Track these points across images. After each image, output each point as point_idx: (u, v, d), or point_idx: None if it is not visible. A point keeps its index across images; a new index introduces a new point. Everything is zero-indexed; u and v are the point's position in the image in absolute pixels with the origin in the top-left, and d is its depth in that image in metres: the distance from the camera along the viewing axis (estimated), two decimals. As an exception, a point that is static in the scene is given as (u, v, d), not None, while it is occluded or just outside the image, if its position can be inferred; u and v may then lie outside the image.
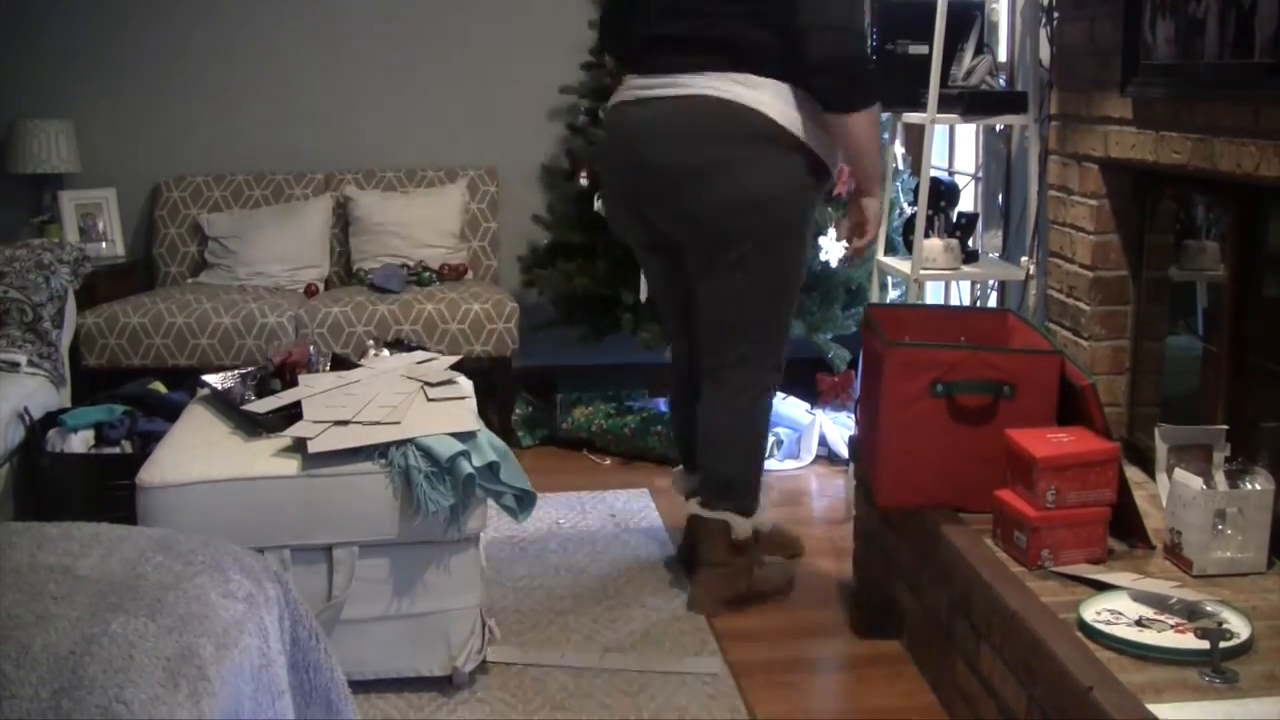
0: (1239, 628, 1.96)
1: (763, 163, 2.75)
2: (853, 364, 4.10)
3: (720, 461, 2.97)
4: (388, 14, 4.84)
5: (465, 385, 2.88)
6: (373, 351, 3.13)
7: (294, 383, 2.87)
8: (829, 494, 3.89)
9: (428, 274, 4.55)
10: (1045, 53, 3.31)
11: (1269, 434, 2.43)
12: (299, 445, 2.55)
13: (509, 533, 3.52)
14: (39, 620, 1.53)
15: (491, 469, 2.54)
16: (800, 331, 4.10)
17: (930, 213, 3.50)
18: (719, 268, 2.84)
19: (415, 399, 2.72)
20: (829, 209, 4.06)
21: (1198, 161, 2.44)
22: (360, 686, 2.52)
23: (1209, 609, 2.02)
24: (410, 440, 2.52)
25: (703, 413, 2.97)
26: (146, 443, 3.01)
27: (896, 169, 4.12)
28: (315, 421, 2.60)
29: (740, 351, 2.90)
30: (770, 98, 2.72)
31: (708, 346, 2.95)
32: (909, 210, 4.06)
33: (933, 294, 4.07)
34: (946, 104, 3.34)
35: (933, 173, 3.54)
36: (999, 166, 3.94)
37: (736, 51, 2.72)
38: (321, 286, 4.66)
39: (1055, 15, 3.16)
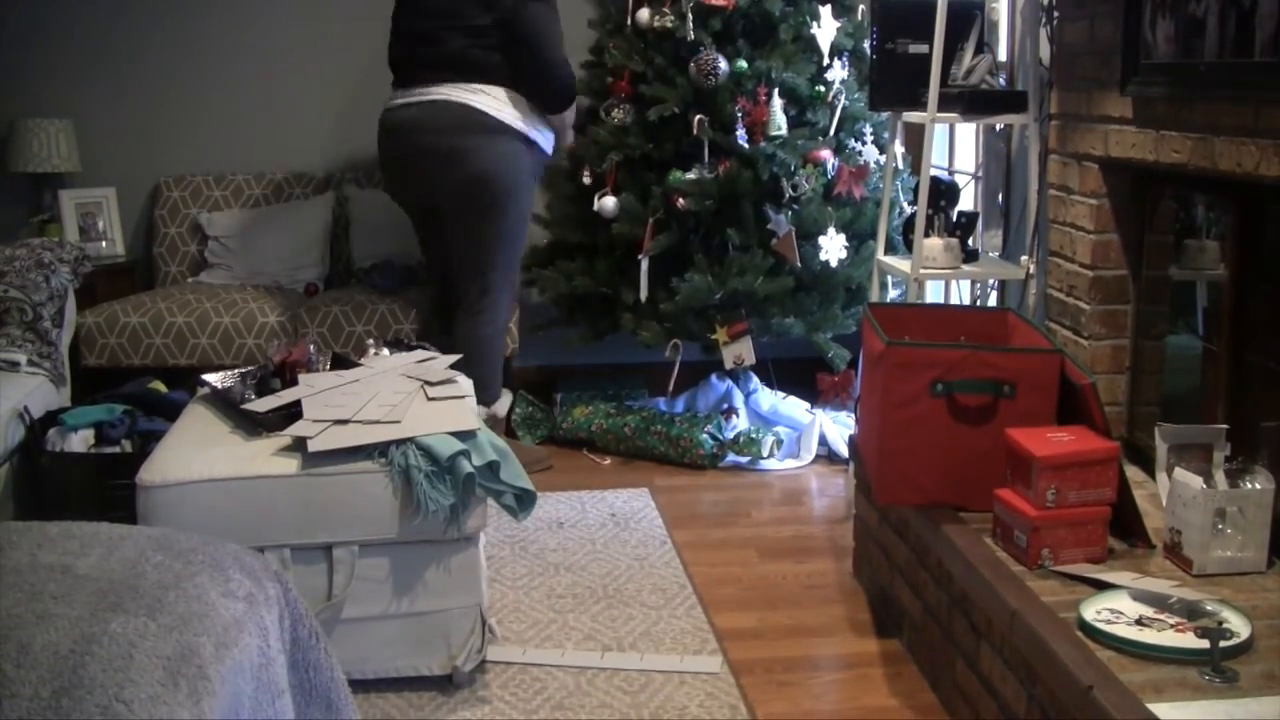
0: (1239, 627, 1.97)
1: (489, 148, 3.78)
2: (853, 363, 4.10)
3: (471, 365, 3.63)
4: (388, 14, 4.83)
5: (465, 384, 2.88)
6: (373, 351, 3.13)
7: (294, 382, 2.87)
8: (829, 493, 3.89)
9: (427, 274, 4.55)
10: (1045, 52, 3.31)
11: (1269, 433, 2.43)
12: (299, 444, 2.55)
13: (509, 532, 3.52)
14: (39, 619, 1.53)
15: (491, 468, 2.54)
16: (800, 331, 4.10)
17: (930, 212, 3.50)
18: (466, 224, 3.87)
19: (415, 398, 2.72)
20: (828, 208, 4.06)
21: (1198, 161, 2.44)
22: (360, 686, 2.53)
23: (1209, 608, 2.02)
24: (410, 439, 2.52)
25: (458, 332, 3.90)
26: (146, 442, 3.01)
27: (896, 168, 4.12)
28: (315, 420, 2.60)
29: (482, 284, 3.91)
30: (493, 100, 3.80)
31: (461, 284, 3.94)
32: (909, 210, 4.06)
33: (933, 293, 4.07)
34: (946, 103, 3.34)
35: (933, 172, 3.54)
36: (999, 166, 3.94)
37: (469, 67, 3.79)
38: (321, 286, 4.66)
39: (1055, 14, 3.16)
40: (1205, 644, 1.86)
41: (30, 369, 3.38)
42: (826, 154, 4.08)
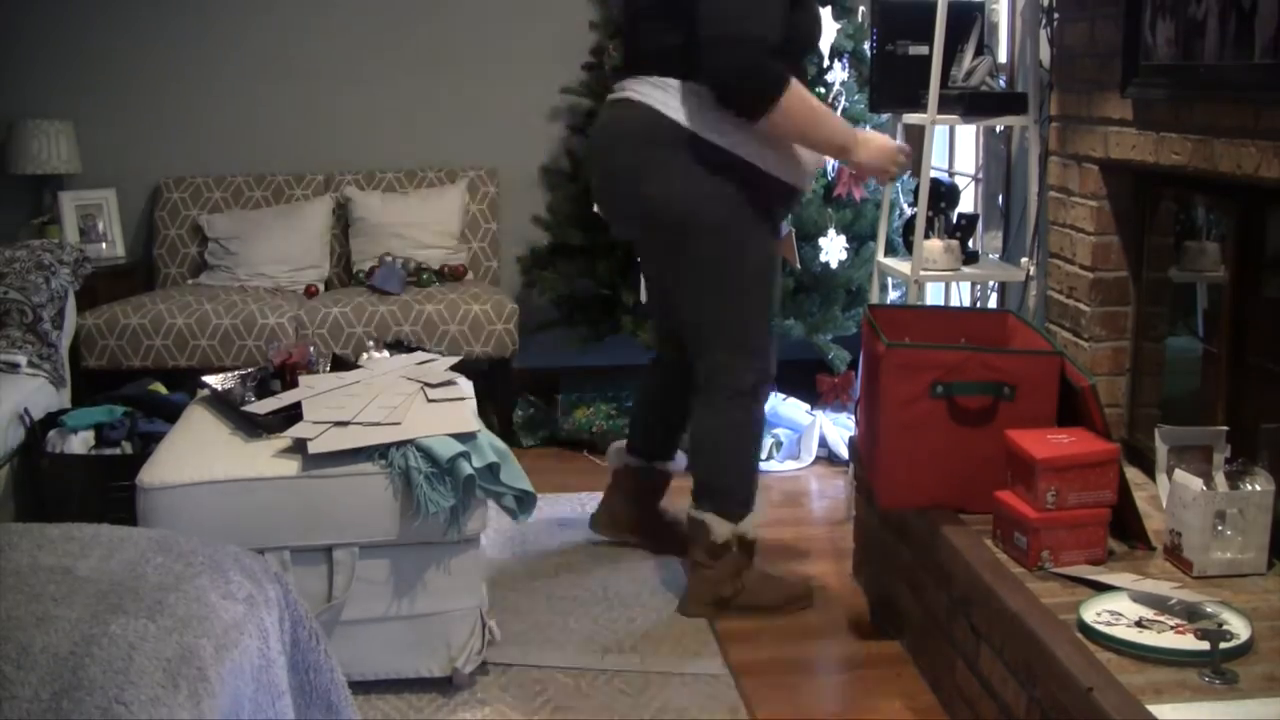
0: (1239, 629, 1.96)
1: (669, 168, 2.75)
2: (853, 365, 4.10)
3: (702, 463, 3.00)
4: (388, 14, 4.84)
5: (465, 386, 2.88)
6: (373, 352, 3.13)
7: (294, 384, 2.87)
8: (829, 495, 3.89)
9: (427, 274, 4.55)
10: (1045, 54, 3.31)
11: (1269, 435, 2.43)
12: (299, 446, 2.55)
13: (509, 533, 3.52)
14: (39, 621, 1.53)
15: (492, 470, 2.54)
16: (800, 332, 4.10)
17: (930, 214, 3.50)
18: (664, 271, 2.97)
19: (415, 400, 2.72)
20: (828, 209, 4.06)
21: (1198, 162, 2.44)
22: (360, 687, 2.52)
23: (1209, 610, 2.02)
24: (410, 441, 2.52)
25: (693, 415, 3.01)
26: (147, 444, 3.01)
27: (897, 170, 4.11)
28: (315, 422, 2.60)
29: (713, 358, 2.91)
30: (679, 102, 2.72)
31: (689, 349, 2.99)
32: (909, 211, 4.06)
33: (933, 295, 4.07)
34: (946, 105, 3.34)
35: (933, 174, 3.54)
36: (999, 167, 3.94)
37: (659, 58, 2.75)
38: (321, 287, 4.66)
39: (1055, 16, 3.16)
40: (1205, 646, 1.86)
41: (30, 371, 3.38)
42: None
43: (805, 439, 4.18)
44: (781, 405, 4.36)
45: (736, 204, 2.78)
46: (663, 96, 2.74)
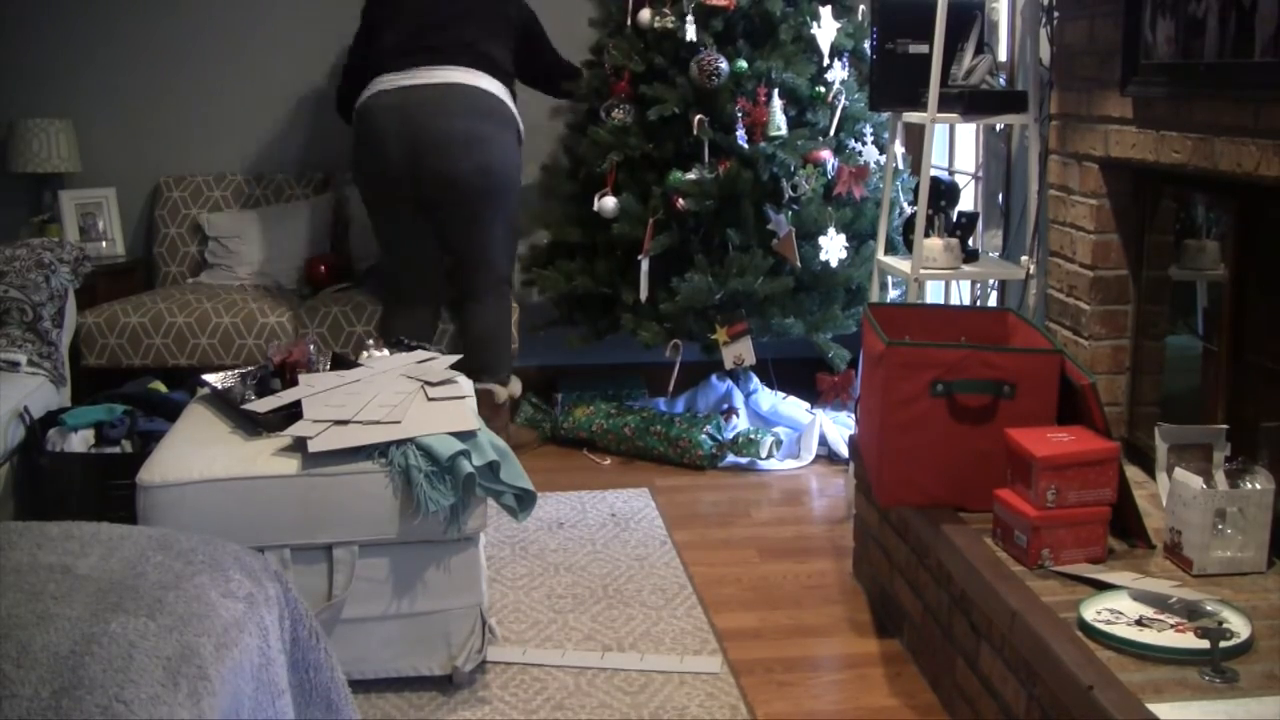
0: (1239, 627, 1.97)
1: (500, 138, 3.86)
2: (853, 364, 4.10)
3: (489, 350, 4.01)
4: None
5: (465, 385, 2.88)
6: (373, 351, 3.13)
7: (294, 382, 2.87)
8: (829, 493, 3.89)
9: None
10: (1045, 52, 3.31)
11: (1269, 433, 2.43)
12: (299, 444, 2.55)
13: (509, 532, 3.52)
14: (39, 620, 1.53)
15: (491, 468, 2.54)
16: (800, 331, 4.10)
17: (930, 212, 3.50)
18: (475, 213, 3.92)
19: (415, 398, 2.72)
20: (828, 208, 4.06)
21: (1198, 161, 2.44)
22: (360, 686, 2.53)
23: (1209, 608, 2.02)
24: (410, 440, 2.52)
25: (475, 320, 4.01)
26: (146, 442, 3.01)
27: (897, 169, 4.12)
28: (315, 421, 2.60)
29: (494, 274, 4.04)
30: (503, 90, 3.93)
31: (469, 275, 4.01)
32: (909, 210, 4.06)
33: (933, 293, 4.07)
34: (946, 103, 3.34)
35: (933, 172, 3.54)
36: (999, 166, 3.94)
37: (482, 58, 3.89)
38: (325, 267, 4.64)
39: (1055, 14, 3.16)
40: (1205, 644, 1.86)
41: (30, 369, 3.38)
42: (826, 154, 4.08)
43: (805, 438, 4.18)
44: (781, 404, 4.36)
45: (520, 166, 4.08)
46: (497, 87, 3.89)
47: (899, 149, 4.01)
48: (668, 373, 4.28)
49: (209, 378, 3.00)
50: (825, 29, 4.12)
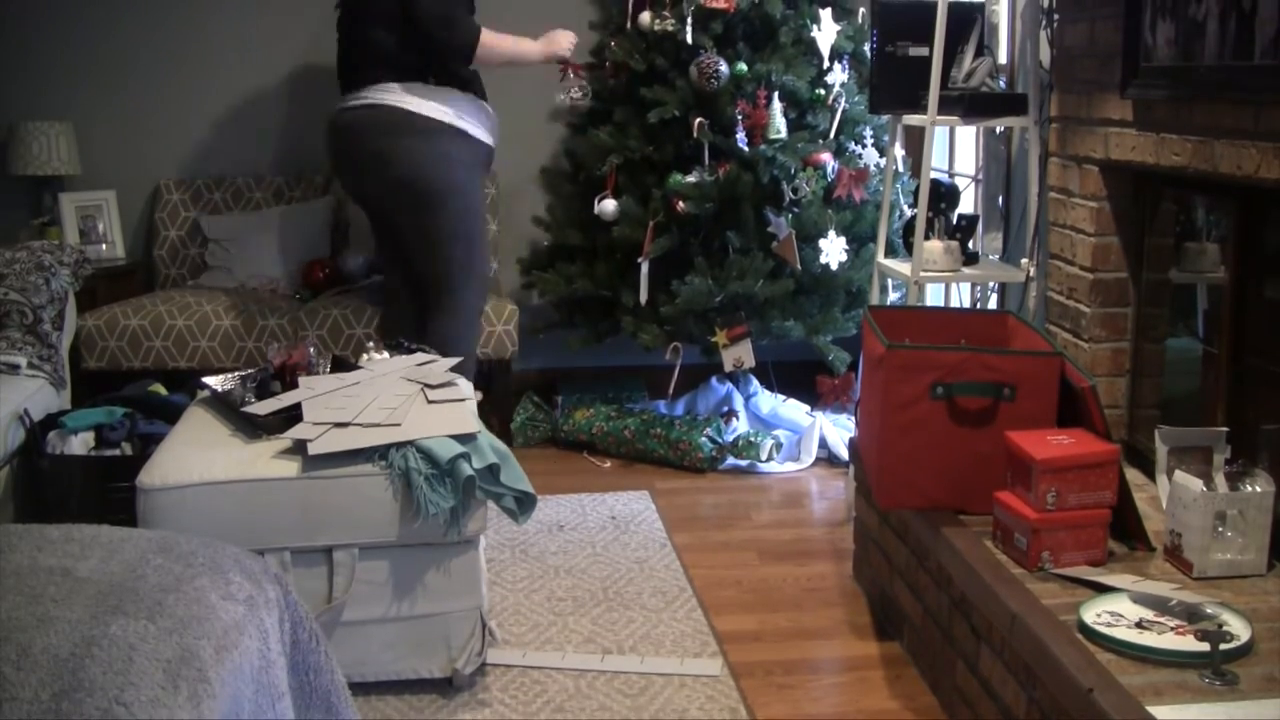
0: (1239, 630, 1.96)
1: (419, 147, 3.64)
2: (853, 366, 4.10)
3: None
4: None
5: (465, 387, 2.88)
6: (373, 353, 3.13)
7: (294, 385, 2.87)
8: (829, 496, 3.89)
9: None
10: (1045, 55, 3.31)
11: (1269, 435, 2.43)
12: (299, 447, 2.55)
13: (509, 534, 3.52)
14: (39, 622, 1.53)
15: (492, 471, 2.54)
16: (800, 334, 4.10)
17: (930, 215, 3.50)
18: (409, 223, 3.76)
19: (415, 401, 2.72)
20: (829, 211, 4.06)
21: (1198, 163, 2.44)
22: (360, 688, 2.53)
23: (1209, 611, 2.02)
24: (410, 442, 2.52)
25: (432, 328, 3.79)
26: (146, 445, 3.01)
27: (897, 171, 4.12)
28: (315, 423, 2.60)
29: (442, 283, 3.79)
30: (416, 98, 3.67)
31: (422, 284, 3.85)
32: (909, 212, 4.06)
33: (933, 296, 4.07)
34: (947, 106, 3.34)
35: (933, 175, 3.54)
36: (999, 168, 3.95)
37: (391, 64, 3.69)
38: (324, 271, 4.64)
39: (1055, 17, 3.16)
40: (1205, 647, 1.86)
41: (30, 372, 3.38)
42: (827, 157, 4.08)
43: (805, 440, 4.18)
44: (781, 406, 4.36)
45: (467, 165, 3.75)
46: (410, 98, 3.68)
47: (899, 151, 4.02)
48: (668, 375, 4.28)
49: (209, 380, 3.00)
50: (825, 31, 4.12)
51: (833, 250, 4.03)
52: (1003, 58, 3.79)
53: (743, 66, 4.06)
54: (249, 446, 2.61)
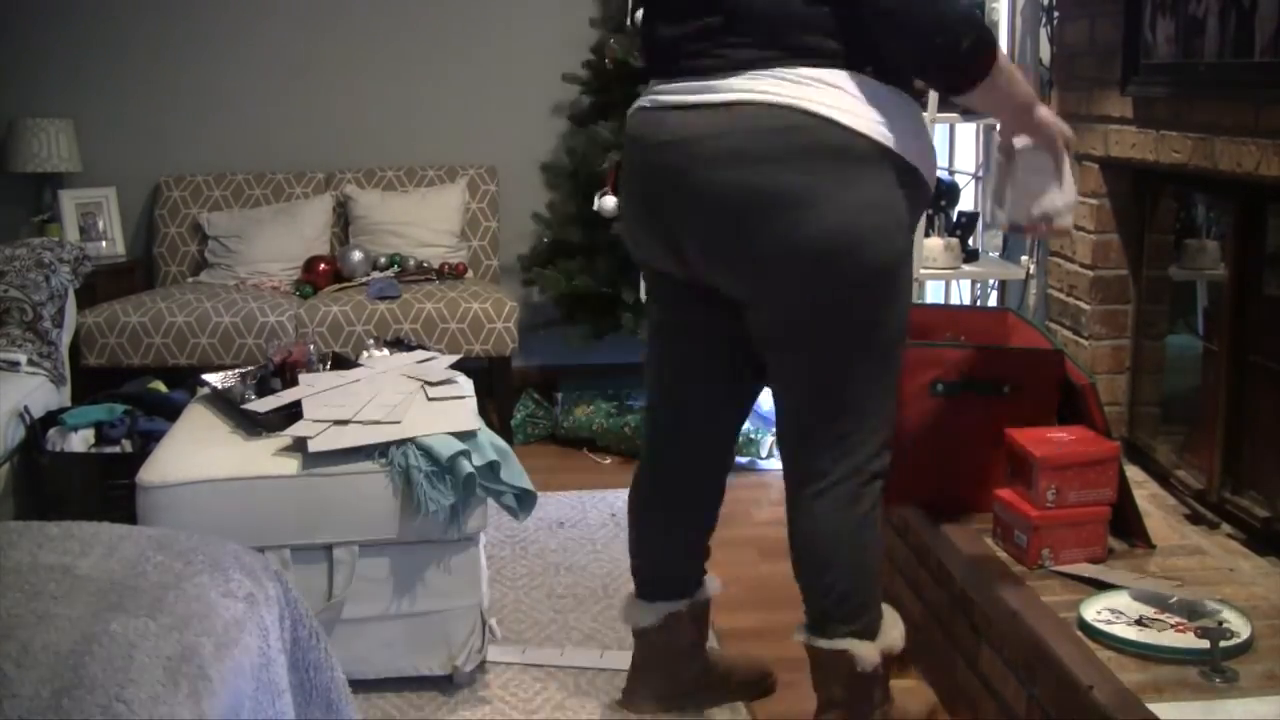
0: (1239, 627, 1.97)
1: (846, 192, 1.94)
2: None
3: (829, 575, 2.17)
4: (388, 13, 4.84)
5: (465, 385, 2.88)
6: (373, 351, 3.13)
7: (294, 382, 2.87)
8: (829, 493, 3.88)
9: (412, 262, 4.55)
10: (1045, 52, 3.31)
11: (1269, 433, 2.43)
12: (299, 444, 2.55)
13: (509, 532, 3.52)
14: (39, 619, 1.53)
15: (492, 468, 2.54)
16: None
17: (930, 212, 3.50)
18: (806, 336, 2.07)
19: (415, 398, 2.72)
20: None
21: (1198, 161, 2.44)
22: (361, 686, 2.52)
23: (1209, 608, 2.02)
24: (410, 439, 2.52)
25: (799, 521, 2.19)
26: (146, 442, 3.01)
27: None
28: (315, 421, 2.60)
29: (840, 437, 2.10)
30: (844, 97, 1.93)
31: (794, 438, 2.16)
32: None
33: (933, 293, 4.07)
34: (946, 103, 3.34)
35: (933, 172, 3.54)
36: (999, 166, 3.94)
37: (792, 33, 1.93)
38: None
39: (1055, 15, 3.16)
40: (1205, 644, 1.86)
41: (30, 369, 3.38)
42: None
43: (805, 437, 4.18)
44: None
45: (909, 227, 2.04)
46: (828, 94, 1.93)
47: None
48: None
49: (209, 377, 3.00)
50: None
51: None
52: (1003, 55, 3.78)
53: (743, 63, 4.04)
54: (249, 444, 2.61)
